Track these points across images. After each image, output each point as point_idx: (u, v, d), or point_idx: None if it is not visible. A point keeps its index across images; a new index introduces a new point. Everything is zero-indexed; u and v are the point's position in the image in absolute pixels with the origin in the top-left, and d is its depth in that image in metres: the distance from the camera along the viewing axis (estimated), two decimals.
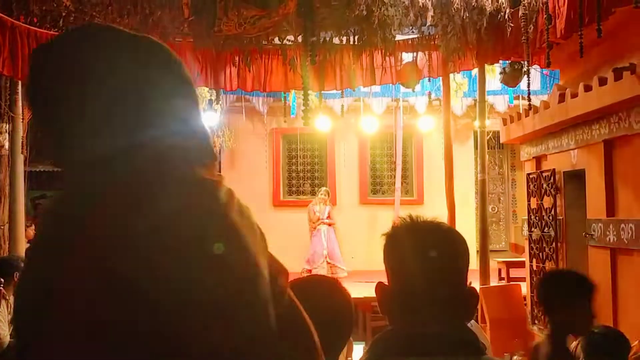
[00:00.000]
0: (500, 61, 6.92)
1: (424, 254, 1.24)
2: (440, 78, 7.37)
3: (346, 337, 1.57)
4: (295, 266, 9.36)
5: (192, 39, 6.11)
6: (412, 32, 7.12)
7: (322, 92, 8.37)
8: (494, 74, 8.54)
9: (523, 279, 6.84)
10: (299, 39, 6.09)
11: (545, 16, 4.65)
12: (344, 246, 10.24)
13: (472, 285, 1.30)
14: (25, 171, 6.62)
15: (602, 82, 4.59)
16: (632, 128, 4.47)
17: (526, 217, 6.37)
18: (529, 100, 5.41)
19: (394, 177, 11.05)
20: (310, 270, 9.49)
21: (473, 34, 5.69)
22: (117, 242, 0.67)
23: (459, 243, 1.29)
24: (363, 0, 5.32)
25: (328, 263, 9.63)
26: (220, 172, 8.48)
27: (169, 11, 5.26)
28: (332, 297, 1.56)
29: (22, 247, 6.45)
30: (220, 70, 6.59)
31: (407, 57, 6.74)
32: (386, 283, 1.30)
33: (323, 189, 10.13)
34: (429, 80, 7.89)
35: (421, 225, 1.29)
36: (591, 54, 5.15)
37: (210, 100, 9.31)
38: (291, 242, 10.39)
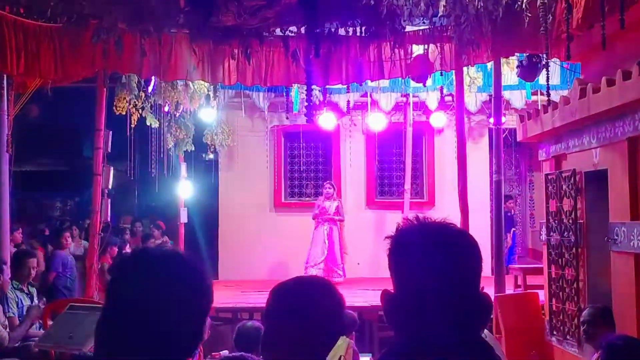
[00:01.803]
0: (517, 54, 6.90)
1: (432, 258, 1.24)
2: (453, 72, 7.36)
3: (335, 337, 1.57)
4: (297, 268, 9.34)
5: (188, 30, 6.12)
6: (423, 22, 7.10)
7: (327, 87, 8.41)
8: (510, 68, 8.52)
9: (541, 287, 6.81)
10: (302, 30, 6.09)
11: (564, 5, 4.63)
12: (350, 251, 10.23)
13: (486, 292, 1.30)
14: (10, 170, 6.64)
15: (626, 76, 4.57)
16: None
17: (544, 221, 6.35)
18: (548, 95, 5.38)
19: (403, 177, 11.04)
20: (305, 269, 9.49)
21: (488, 25, 5.68)
22: None
23: (471, 246, 1.28)
24: None
25: (326, 265, 9.59)
26: (218, 172, 8.44)
27: (163, 0, 5.27)
28: (320, 298, 1.56)
29: (6, 249, 6.46)
30: (218, 63, 6.60)
31: (417, 49, 6.74)
32: (392, 291, 1.29)
33: (327, 182, 10.11)
34: (441, 74, 7.88)
35: (429, 227, 1.28)
36: (614, 46, 5.13)
37: (208, 95, 9.32)
38: (293, 246, 10.39)
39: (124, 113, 8.44)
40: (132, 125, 8.70)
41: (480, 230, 9.40)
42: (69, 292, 8.24)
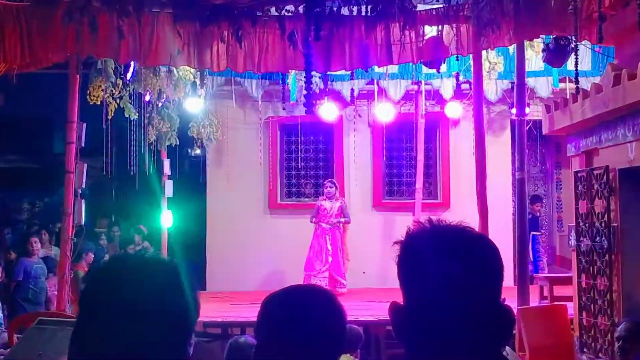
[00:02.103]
0: (543, 36, 6.89)
1: (447, 266, 1.23)
2: (471, 56, 7.35)
3: (335, 354, 1.57)
4: (294, 279, 9.35)
5: (171, 10, 6.13)
6: (437, 0, 7.10)
7: (329, 73, 8.40)
8: (535, 52, 8.51)
9: (570, 299, 6.81)
10: (300, 9, 6.09)
11: None
12: (353, 258, 10.23)
13: (507, 304, 1.30)
14: None
15: None
16: None
17: (573, 224, 6.35)
18: (577, 83, 5.39)
19: (414, 175, 11.03)
20: (307, 277, 9.50)
21: (510, 3, 5.68)
22: None
23: (490, 252, 1.28)
24: None
25: (329, 274, 9.59)
26: (205, 169, 8.48)
27: None
28: (317, 310, 1.55)
29: None
30: (206, 47, 6.60)
31: (430, 31, 6.73)
32: (401, 303, 1.29)
33: (328, 180, 10.10)
34: (457, 58, 7.87)
35: (443, 231, 1.29)
36: None
37: (194, 83, 9.32)
38: (290, 253, 10.39)
39: (99, 103, 8.43)
40: (109, 117, 8.70)
41: (501, 234, 9.38)
42: (31, 306, 8.22)
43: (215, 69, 6.81)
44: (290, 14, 6.32)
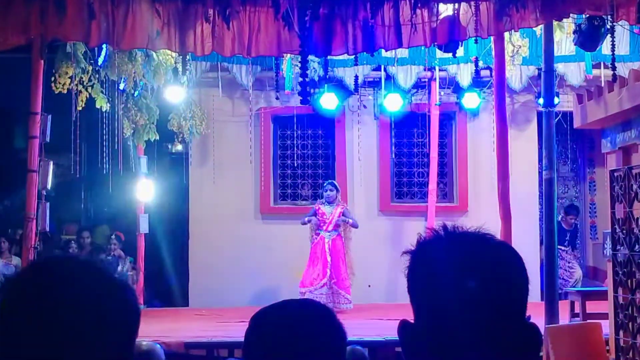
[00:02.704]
0: (574, 15, 6.89)
1: (464, 278, 1.23)
2: (492, 39, 7.34)
3: None
4: (290, 294, 9.33)
5: None
6: None
7: (329, 58, 8.38)
8: (565, 34, 8.50)
9: (605, 316, 6.81)
10: None
11: None
12: (357, 270, 10.21)
13: (533, 322, 1.30)
14: None
15: None
16: None
17: (609, 231, 6.35)
18: (614, 69, 5.39)
19: (427, 175, 11.03)
20: (303, 294, 9.38)
21: None
22: None
23: (514, 263, 1.28)
24: None
25: (330, 288, 9.51)
26: (188, 167, 8.49)
27: None
28: (312, 328, 1.55)
29: None
30: (189, 27, 6.59)
31: (445, 9, 6.73)
32: (412, 321, 1.29)
33: (328, 182, 10.04)
34: (476, 41, 7.87)
35: (460, 239, 1.28)
36: None
37: (175, 69, 9.32)
38: (285, 263, 10.39)
39: (65, 92, 8.42)
40: (79, 108, 8.69)
41: (527, 243, 9.41)
42: None
43: (200, 52, 6.80)
44: None
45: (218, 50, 6.78)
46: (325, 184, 9.93)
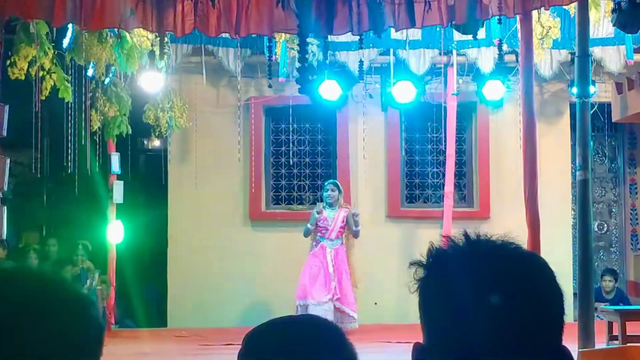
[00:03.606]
0: None
1: (486, 295, 1.22)
2: (518, 18, 7.32)
3: None
4: (283, 313, 9.30)
5: None
6: None
7: (330, 39, 8.36)
8: (602, 13, 8.49)
9: None
10: None
11: None
12: (362, 285, 10.19)
13: (565, 346, 1.29)
14: None
15: None
16: None
17: None
18: None
19: (443, 175, 11.01)
20: (305, 308, 9.31)
21: None
22: None
23: (547, 278, 1.28)
24: None
25: (333, 305, 9.42)
26: (166, 166, 8.44)
27: None
28: (319, 350, 1.53)
29: None
30: (168, 4, 6.58)
31: None
32: (424, 343, 1.29)
33: (329, 181, 9.98)
34: (499, 21, 7.85)
35: (483, 249, 1.28)
36: None
37: (152, 53, 9.30)
38: (278, 277, 10.37)
39: (23, 78, 8.40)
40: (41, 98, 8.67)
41: (558, 253, 9.40)
42: None
43: (180, 32, 6.79)
44: None
45: (201, 30, 6.77)
46: (325, 184, 9.85)
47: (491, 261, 1.27)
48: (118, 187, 10.78)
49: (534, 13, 7.59)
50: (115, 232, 10.75)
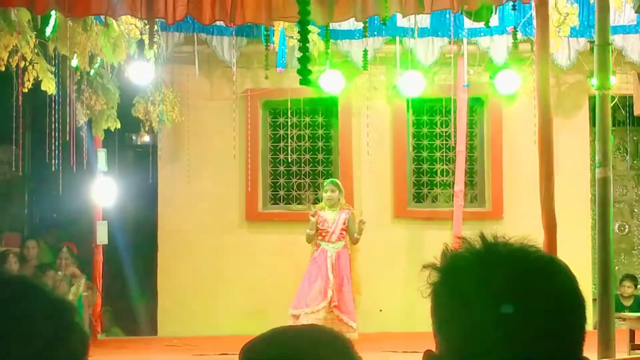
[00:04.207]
0: None
1: (502, 301, 1.23)
2: (533, 4, 7.31)
3: None
4: (281, 321, 9.30)
5: None
6: None
7: (331, 27, 8.35)
8: None
9: None
10: None
11: None
12: (366, 290, 10.18)
13: (585, 356, 1.29)
14: None
15: None
16: None
17: None
18: None
19: (453, 173, 11.01)
20: (297, 318, 9.29)
21: None
22: None
23: (568, 284, 1.28)
24: None
25: (331, 312, 9.39)
26: (156, 163, 8.45)
27: None
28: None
29: None
30: None
31: None
32: (436, 352, 1.29)
33: (329, 181, 9.93)
34: (514, 7, 7.84)
35: (501, 252, 1.28)
36: None
37: (141, 42, 9.30)
38: (276, 281, 10.37)
39: (4, 69, 8.40)
40: (24, 90, 8.67)
41: (576, 256, 9.37)
42: None
43: (171, 20, 6.79)
44: None
45: (194, 17, 6.78)
46: (325, 184, 9.81)
47: (510, 266, 1.27)
48: (105, 185, 10.79)
49: None
50: (102, 233, 10.76)
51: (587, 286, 9.44)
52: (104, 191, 10.80)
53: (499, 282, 1.25)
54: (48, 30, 8.54)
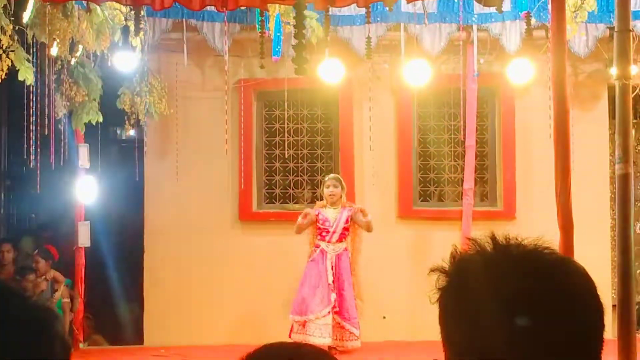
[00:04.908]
0: None
1: (517, 307, 1.23)
2: None
3: None
4: (278, 327, 9.31)
5: None
6: None
7: (331, 12, 8.35)
8: None
9: None
10: None
11: None
12: (368, 296, 10.20)
13: None
14: None
15: None
16: None
17: None
18: None
19: (462, 170, 11.02)
20: (303, 324, 9.26)
21: None
22: None
23: (585, 289, 1.30)
24: None
25: (332, 319, 9.37)
26: (143, 159, 8.48)
27: None
28: None
29: None
30: None
31: None
32: None
33: (330, 176, 9.92)
34: None
35: (513, 255, 1.28)
36: None
37: (126, 28, 9.30)
38: (271, 285, 10.38)
39: None
40: None
41: (594, 260, 9.36)
42: None
43: (159, 5, 6.79)
44: None
45: (183, 4, 6.76)
46: (326, 179, 9.81)
47: (523, 269, 1.28)
48: (87, 183, 10.79)
49: None
50: (84, 235, 10.76)
51: (606, 291, 9.40)
52: (86, 190, 10.80)
53: (511, 287, 1.25)
54: (25, 16, 8.54)
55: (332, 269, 9.40)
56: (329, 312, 9.24)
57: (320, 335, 9.06)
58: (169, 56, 10.86)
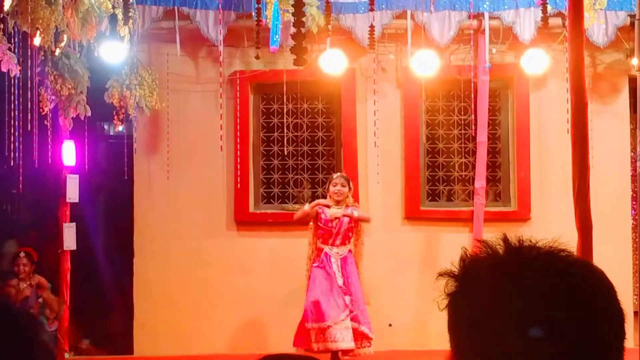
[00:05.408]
0: None
1: (532, 313, 1.22)
2: None
3: None
4: (279, 336, 9.31)
5: None
6: None
7: (332, 0, 8.35)
8: None
9: None
10: None
11: None
12: (373, 303, 10.21)
13: None
14: None
15: None
16: None
17: None
18: None
19: (473, 167, 11.01)
20: (323, 331, 9.22)
21: None
22: None
23: (603, 294, 1.29)
24: None
25: (352, 321, 9.36)
26: (132, 156, 8.51)
27: None
28: None
29: None
30: None
31: None
32: None
33: (338, 174, 9.91)
34: None
35: (527, 258, 1.28)
36: None
37: (114, 17, 9.30)
38: (271, 290, 10.37)
39: None
40: None
41: (614, 262, 9.37)
42: None
43: None
44: None
45: None
46: (334, 177, 9.78)
47: (536, 273, 1.27)
48: (72, 183, 10.79)
49: None
50: (69, 238, 10.75)
51: (627, 296, 9.44)
52: (71, 189, 10.79)
53: (524, 292, 1.24)
54: (6, 4, 8.54)
55: (339, 271, 9.40)
56: (347, 316, 9.28)
57: (342, 340, 9.09)
58: (160, 46, 10.86)
